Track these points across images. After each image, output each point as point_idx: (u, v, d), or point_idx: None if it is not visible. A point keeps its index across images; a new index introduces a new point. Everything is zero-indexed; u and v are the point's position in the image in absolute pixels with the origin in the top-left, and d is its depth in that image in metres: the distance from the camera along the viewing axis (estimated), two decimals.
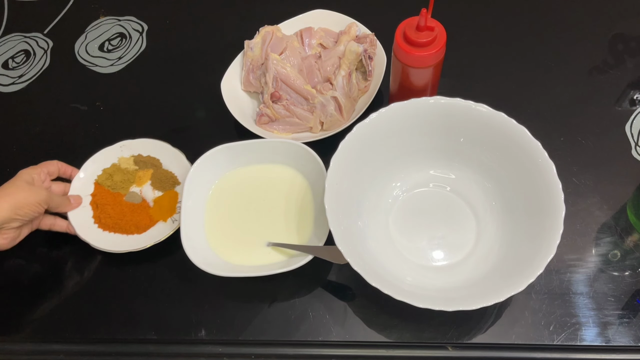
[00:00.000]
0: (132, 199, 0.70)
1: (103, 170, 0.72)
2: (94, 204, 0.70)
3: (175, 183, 0.70)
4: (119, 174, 0.71)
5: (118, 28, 0.86)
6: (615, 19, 0.79)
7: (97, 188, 0.71)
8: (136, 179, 0.71)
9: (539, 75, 0.75)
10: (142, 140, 0.72)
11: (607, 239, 0.63)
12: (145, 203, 0.70)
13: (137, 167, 0.72)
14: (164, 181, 0.70)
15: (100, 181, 0.71)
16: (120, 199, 0.70)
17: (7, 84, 0.82)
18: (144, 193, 0.70)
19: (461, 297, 0.54)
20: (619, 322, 0.58)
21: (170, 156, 0.71)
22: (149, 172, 0.71)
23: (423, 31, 0.58)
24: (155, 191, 0.70)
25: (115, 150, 0.72)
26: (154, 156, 0.72)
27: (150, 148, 0.72)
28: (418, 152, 0.64)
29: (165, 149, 0.71)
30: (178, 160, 0.71)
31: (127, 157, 0.72)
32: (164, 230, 0.67)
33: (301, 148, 0.64)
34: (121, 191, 0.70)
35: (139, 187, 0.71)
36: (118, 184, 0.71)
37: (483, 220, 0.63)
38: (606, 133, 0.70)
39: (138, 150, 0.72)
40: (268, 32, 0.73)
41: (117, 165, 0.72)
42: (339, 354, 0.60)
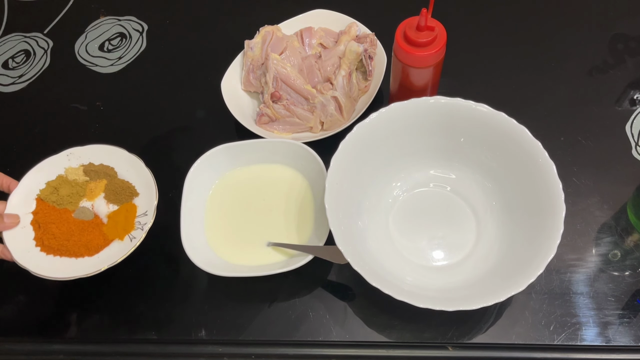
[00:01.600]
0: (82, 215, 0.62)
1: (47, 183, 0.63)
2: (36, 223, 0.61)
3: (132, 194, 0.63)
4: (65, 186, 0.63)
5: (118, 28, 0.86)
6: (615, 18, 0.79)
7: (40, 205, 0.62)
8: (87, 192, 0.63)
9: (539, 75, 0.75)
10: (93, 146, 0.65)
11: (608, 238, 0.63)
12: (98, 219, 0.62)
13: (88, 178, 0.64)
14: (120, 193, 0.63)
15: (44, 196, 0.62)
16: (68, 215, 0.62)
17: (7, 84, 0.82)
18: (97, 208, 0.63)
19: (461, 297, 0.54)
20: (619, 322, 0.58)
21: (127, 163, 0.64)
22: (102, 183, 0.64)
23: (423, 31, 0.58)
24: (110, 205, 0.63)
25: (61, 160, 0.64)
26: (108, 164, 0.65)
27: (102, 155, 0.65)
28: (418, 152, 0.64)
29: (120, 155, 0.64)
30: (136, 167, 0.63)
31: (76, 167, 0.64)
32: (119, 250, 0.59)
33: (301, 148, 0.64)
34: (69, 207, 0.62)
35: (91, 201, 0.63)
36: (65, 199, 0.62)
37: (483, 220, 0.63)
38: (606, 133, 0.70)
39: (88, 159, 0.65)
40: (268, 32, 0.73)
41: (63, 177, 0.64)
42: (339, 354, 0.60)
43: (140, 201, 0.63)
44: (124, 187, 0.63)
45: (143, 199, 0.64)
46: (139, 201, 0.63)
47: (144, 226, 0.61)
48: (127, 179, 0.64)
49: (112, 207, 0.63)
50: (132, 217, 0.62)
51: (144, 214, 0.62)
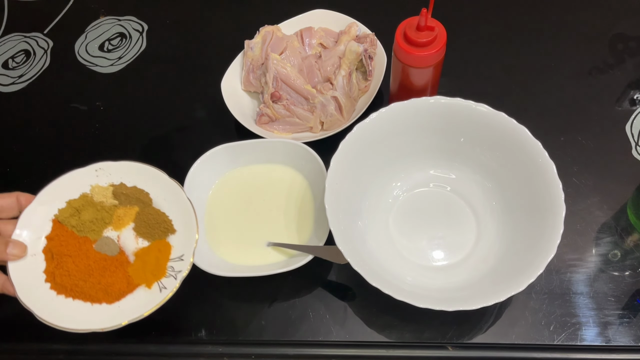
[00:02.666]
0: (105, 248, 0.52)
1: (68, 202, 0.53)
2: (49, 252, 0.51)
3: (168, 230, 0.53)
4: (90, 209, 0.53)
5: (118, 28, 0.86)
6: (615, 18, 0.79)
7: (57, 228, 0.52)
8: (114, 219, 0.54)
9: (539, 75, 0.75)
10: (128, 163, 0.55)
11: (608, 238, 0.63)
12: (123, 256, 0.52)
13: (117, 202, 0.54)
14: (153, 226, 0.53)
15: (62, 219, 0.52)
16: (88, 247, 0.52)
17: (7, 84, 0.82)
18: (123, 241, 0.53)
19: (461, 297, 0.54)
20: (619, 322, 0.58)
21: (165, 190, 0.54)
22: (133, 210, 0.54)
23: (423, 31, 0.58)
24: (140, 239, 0.53)
25: (88, 175, 0.54)
26: (142, 188, 0.55)
27: (137, 176, 0.55)
28: (418, 152, 0.64)
29: (158, 178, 0.54)
30: (176, 197, 0.53)
31: (104, 185, 0.55)
32: (145, 301, 0.50)
33: (301, 148, 0.64)
34: (90, 235, 0.52)
35: (117, 231, 0.53)
36: (87, 225, 0.53)
37: (483, 220, 0.63)
38: (606, 133, 0.70)
39: (120, 178, 0.55)
40: (268, 32, 0.73)
41: (88, 197, 0.54)
42: (339, 354, 0.60)
43: (176, 240, 0.53)
44: (159, 219, 0.53)
45: (180, 238, 0.53)
46: (174, 240, 0.53)
47: (178, 274, 0.51)
48: (164, 209, 0.54)
49: (141, 243, 0.53)
50: (164, 259, 0.52)
51: (179, 258, 0.52)
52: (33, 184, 0.72)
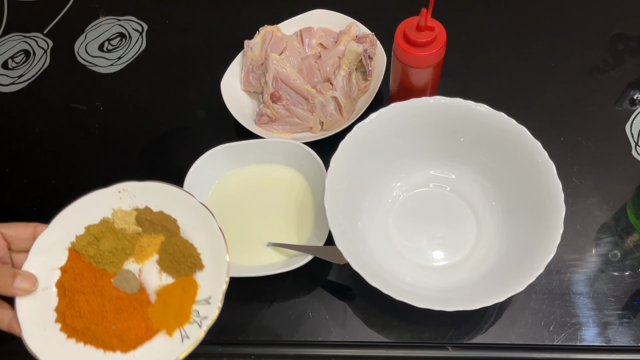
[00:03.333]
0: (124, 283, 0.46)
1: (86, 228, 0.48)
2: (62, 286, 0.45)
3: (195, 266, 0.46)
4: (110, 238, 0.47)
5: (118, 28, 0.86)
6: (615, 18, 0.79)
7: (72, 259, 0.47)
8: (136, 250, 0.47)
9: (539, 75, 0.75)
10: (155, 184, 0.49)
11: (607, 239, 0.63)
12: (144, 295, 0.46)
13: (141, 230, 0.48)
14: (179, 260, 0.47)
15: (80, 247, 0.47)
16: (105, 282, 0.46)
17: (7, 84, 0.82)
18: (145, 276, 0.46)
19: (461, 297, 0.54)
20: (619, 322, 0.58)
21: (194, 217, 0.48)
22: (158, 239, 0.48)
23: (423, 31, 0.58)
24: (163, 275, 0.47)
25: (111, 197, 0.49)
26: (169, 214, 0.48)
27: (163, 199, 0.48)
28: (418, 152, 0.64)
29: (188, 204, 0.48)
30: (206, 226, 0.47)
31: (128, 209, 0.49)
32: (164, 351, 0.44)
33: (301, 148, 0.64)
34: (109, 267, 0.47)
35: (139, 263, 0.47)
36: (106, 256, 0.47)
37: (483, 220, 0.63)
38: (606, 133, 0.70)
39: (146, 200, 0.48)
40: (268, 32, 0.73)
41: (109, 223, 0.48)
42: (339, 354, 0.60)
43: (203, 278, 0.46)
44: (186, 252, 0.46)
45: (208, 276, 0.47)
46: (202, 278, 0.46)
47: (203, 321, 0.45)
48: (192, 240, 0.47)
49: (165, 279, 0.46)
50: (189, 301, 0.45)
51: (206, 300, 0.46)
52: (33, 184, 0.72)
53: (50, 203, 0.70)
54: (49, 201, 0.71)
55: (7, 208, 0.71)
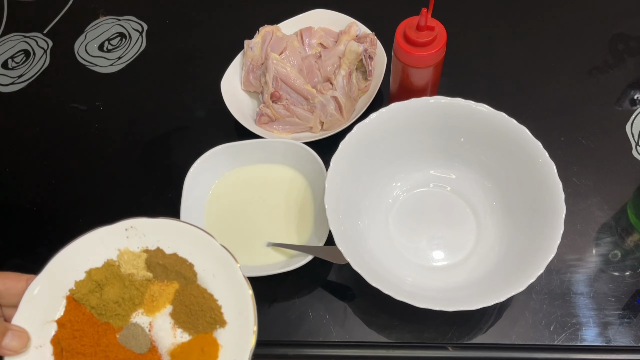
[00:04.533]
0: (131, 341, 0.39)
1: (88, 272, 0.41)
2: (58, 345, 0.39)
3: (216, 322, 0.40)
4: (115, 285, 0.41)
5: (118, 28, 0.86)
6: (615, 18, 0.79)
7: (71, 310, 0.40)
8: (145, 300, 0.41)
9: (539, 75, 0.75)
10: (168, 222, 0.42)
11: (608, 239, 0.63)
12: (155, 356, 0.40)
13: (151, 275, 0.42)
14: (197, 313, 0.40)
15: (80, 295, 0.40)
16: (110, 340, 0.39)
17: (7, 84, 0.82)
18: (156, 331, 0.40)
19: (461, 297, 0.54)
20: (620, 323, 0.58)
21: (214, 262, 0.41)
22: (172, 287, 0.41)
23: (423, 31, 0.58)
24: (178, 330, 0.40)
25: (116, 236, 0.42)
26: (185, 257, 0.42)
27: (178, 239, 0.42)
28: (418, 152, 0.64)
29: (207, 246, 0.42)
30: (228, 273, 0.41)
31: (136, 251, 0.42)
32: None
33: (301, 148, 0.64)
34: (114, 321, 0.40)
35: (149, 316, 0.41)
36: (110, 307, 0.40)
37: (483, 220, 0.63)
38: (607, 133, 0.70)
39: (157, 240, 0.42)
40: (268, 32, 0.73)
41: (114, 267, 0.41)
42: (339, 354, 0.59)
43: (226, 337, 0.40)
44: (204, 305, 0.40)
45: (231, 334, 0.41)
46: (224, 337, 0.40)
47: None
48: (212, 290, 0.41)
49: (180, 336, 0.39)
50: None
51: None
52: (32, 184, 0.72)
53: (50, 203, 0.70)
54: (48, 201, 0.71)
55: (7, 208, 0.71)
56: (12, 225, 0.70)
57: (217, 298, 0.42)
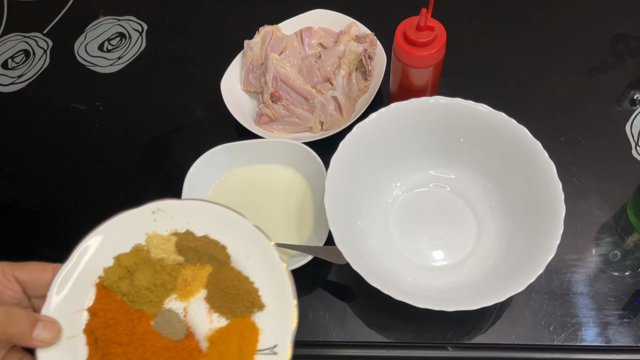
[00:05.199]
0: (166, 327, 0.38)
1: (116, 258, 0.40)
2: (91, 334, 0.37)
3: (254, 304, 0.39)
4: (145, 270, 0.39)
5: (118, 28, 0.86)
6: (615, 18, 0.79)
7: (102, 297, 0.39)
8: (178, 285, 0.40)
9: (539, 75, 0.75)
10: (197, 203, 0.41)
11: (608, 239, 0.63)
12: (192, 342, 0.38)
13: (183, 259, 0.40)
14: (233, 297, 0.39)
15: (110, 282, 0.39)
16: (144, 327, 0.38)
17: (7, 84, 0.82)
18: (192, 317, 0.39)
19: (461, 297, 0.54)
20: (620, 323, 0.58)
21: (249, 243, 0.40)
22: (205, 271, 0.40)
23: (423, 31, 0.58)
24: (214, 315, 0.39)
25: (143, 219, 0.41)
26: (217, 239, 0.40)
27: (209, 221, 0.40)
28: (418, 152, 0.64)
29: (240, 227, 0.40)
30: (262, 253, 0.40)
31: (165, 234, 0.41)
32: None
33: (301, 148, 0.64)
34: (147, 307, 0.39)
35: (183, 301, 0.39)
36: (142, 293, 0.39)
37: (483, 220, 0.63)
38: (606, 133, 0.70)
39: (186, 223, 0.40)
40: (268, 32, 0.73)
41: (143, 251, 0.40)
42: (339, 354, 0.59)
43: (265, 321, 0.39)
44: (241, 288, 0.38)
45: (271, 317, 0.39)
46: (263, 320, 0.39)
47: None
48: (247, 272, 0.39)
49: (217, 321, 0.38)
50: (250, 351, 0.37)
51: (271, 350, 0.38)
52: (33, 184, 0.72)
53: (50, 203, 0.70)
54: (49, 201, 0.71)
55: (7, 208, 0.71)
56: (12, 225, 0.70)
57: (253, 280, 0.40)
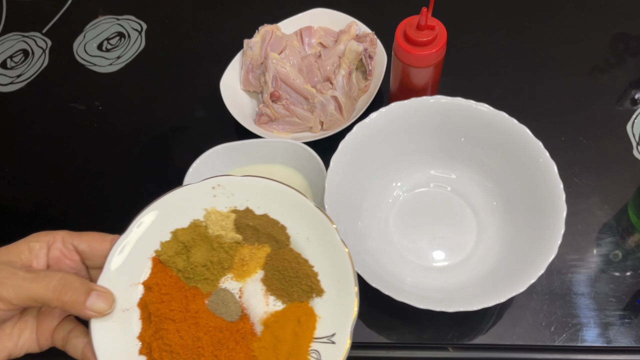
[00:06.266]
0: (221, 307, 0.37)
1: (173, 233, 0.39)
2: (145, 308, 0.37)
3: (312, 289, 0.37)
4: (202, 247, 0.38)
5: (117, 27, 0.85)
6: (616, 18, 0.79)
7: (157, 272, 0.38)
8: (235, 264, 0.38)
9: (540, 74, 0.75)
10: (257, 180, 0.39)
11: (609, 239, 0.63)
12: (247, 324, 0.37)
13: (241, 238, 0.39)
14: (291, 280, 0.37)
15: (166, 257, 0.38)
16: (199, 306, 0.37)
17: (6, 84, 0.81)
18: (247, 298, 0.38)
19: (462, 297, 0.54)
20: (621, 323, 0.58)
21: (309, 225, 0.39)
22: (263, 251, 0.39)
23: (423, 30, 0.58)
24: (270, 298, 0.38)
25: (203, 194, 0.40)
26: (276, 218, 0.39)
27: (269, 199, 0.39)
28: (418, 152, 0.64)
29: (301, 208, 0.39)
30: (324, 236, 0.38)
31: (224, 211, 0.39)
32: None
33: (301, 148, 0.64)
34: (202, 285, 0.38)
35: (239, 281, 0.38)
36: (198, 270, 0.38)
37: (484, 220, 0.62)
38: (607, 133, 0.70)
39: (246, 200, 0.39)
40: (267, 31, 0.73)
41: (201, 227, 0.39)
42: None
43: (323, 308, 0.37)
44: (300, 271, 0.37)
45: (330, 304, 0.38)
46: (321, 307, 0.37)
47: None
48: (306, 255, 0.38)
49: (273, 304, 0.37)
50: (306, 337, 0.36)
51: (328, 338, 0.36)
52: (32, 184, 0.72)
53: (50, 203, 0.70)
54: (48, 201, 0.71)
55: (6, 208, 0.71)
56: (12, 225, 0.69)
57: (313, 264, 0.38)
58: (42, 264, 0.38)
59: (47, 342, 0.39)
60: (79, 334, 0.38)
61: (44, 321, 0.39)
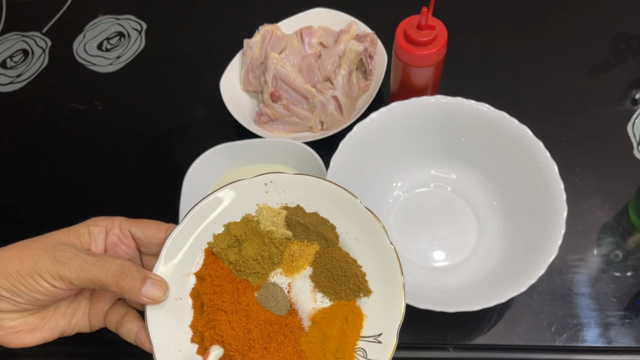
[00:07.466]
0: (271, 301, 0.38)
1: (226, 226, 0.40)
2: (198, 298, 0.38)
3: (360, 289, 0.38)
4: (254, 241, 0.39)
5: (117, 27, 0.85)
6: (617, 18, 0.79)
7: (210, 263, 0.39)
8: (285, 260, 0.39)
9: (540, 74, 0.75)
10: (309, 179, 0.40)
11: (609, 239, 0.63)
12: (295, 319, 0.38)
13: (291, 234, 0.40)
14: (339, 279, 0.38)
15: (219, 249, 0.39)
16: (250, 298, 0.38)
17: (6, 84, 0.81)
18: (296, 294, 0.39)
19: (462, 298, 0.54)
20: (621, 323, 0.58)
21: (358, 225, 0.39)
22: (312, 249, 0.39)
23: (424, 30, 0.58)
24: (318, 295, 0.38)
25: (256, 190, 0.40)
26: (326, 217, 0.39)
27: (319, 198, 0.39)
28: (419, 152, 0.64)
29: (351, 208, 0.39)
30: (373, 237, 0.38)
31: (275, 207, 0.40)
32: None
33: (301, 148, 0.64)
34: (252, 279, 0.39)
35: (289, 277, 0.39)
36: (250, 264, 0.39)
37: (484, 220, 0.62)
38: (608, 133, 0.70)
39: (297, 198, 0.39)
40: (268, 31, 0.73)
41: (253, 222, 0.40)
42: None
43: (371, 308, 0.38)
44: (348, 270, 0.37)
45: (377, 305, 0.39)
46: (369, 307, 0.38)
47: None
48: (355, 254, 0.38)
49: (320, 300, 0.38)
50: (353, 335, 0.36)
51: (375, 338, 0.38)
52: (32, 184, 0.72)
53: (50, 203, 0.70)
54: (48, 201, 0.71)
55: (6, 208, 0.71)
56: (11, 225, 0.69)
57: (361, 264, 0.39)
58: (100, 248, 0.39)
59: (98, 323, 0.41)
60: (132, 318, 0.39)
61: (97, 303, 0.40)
